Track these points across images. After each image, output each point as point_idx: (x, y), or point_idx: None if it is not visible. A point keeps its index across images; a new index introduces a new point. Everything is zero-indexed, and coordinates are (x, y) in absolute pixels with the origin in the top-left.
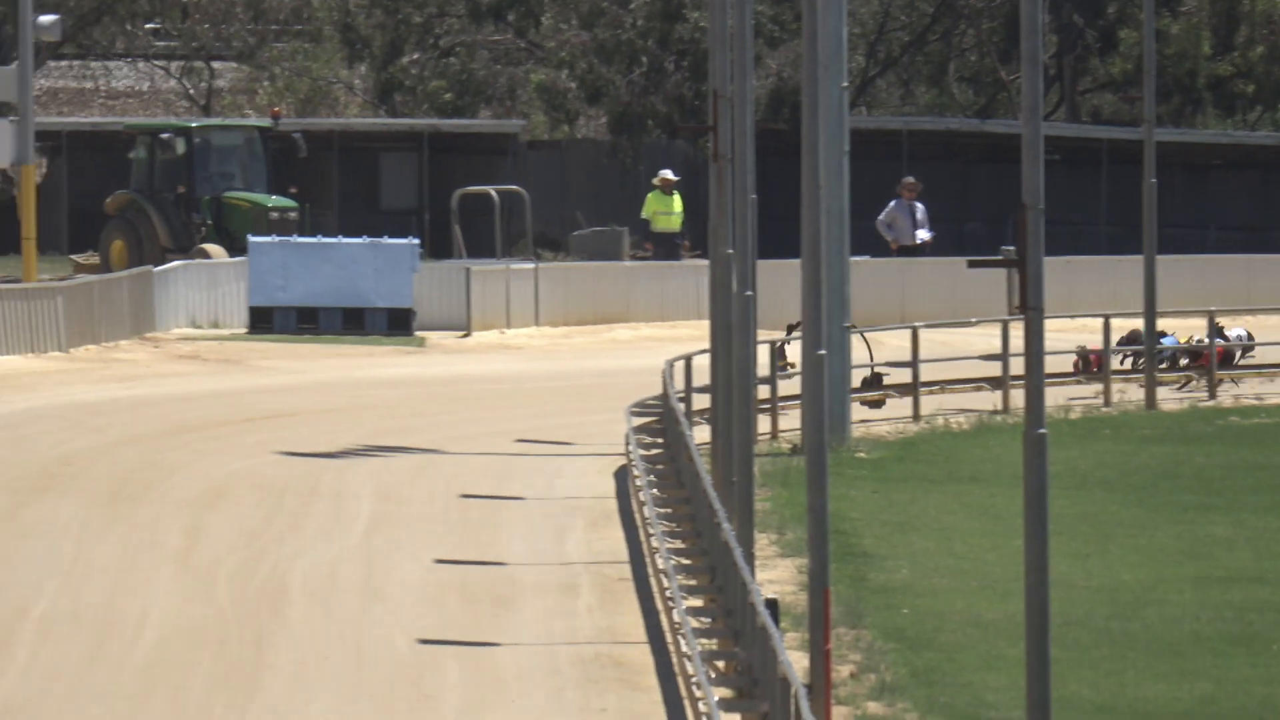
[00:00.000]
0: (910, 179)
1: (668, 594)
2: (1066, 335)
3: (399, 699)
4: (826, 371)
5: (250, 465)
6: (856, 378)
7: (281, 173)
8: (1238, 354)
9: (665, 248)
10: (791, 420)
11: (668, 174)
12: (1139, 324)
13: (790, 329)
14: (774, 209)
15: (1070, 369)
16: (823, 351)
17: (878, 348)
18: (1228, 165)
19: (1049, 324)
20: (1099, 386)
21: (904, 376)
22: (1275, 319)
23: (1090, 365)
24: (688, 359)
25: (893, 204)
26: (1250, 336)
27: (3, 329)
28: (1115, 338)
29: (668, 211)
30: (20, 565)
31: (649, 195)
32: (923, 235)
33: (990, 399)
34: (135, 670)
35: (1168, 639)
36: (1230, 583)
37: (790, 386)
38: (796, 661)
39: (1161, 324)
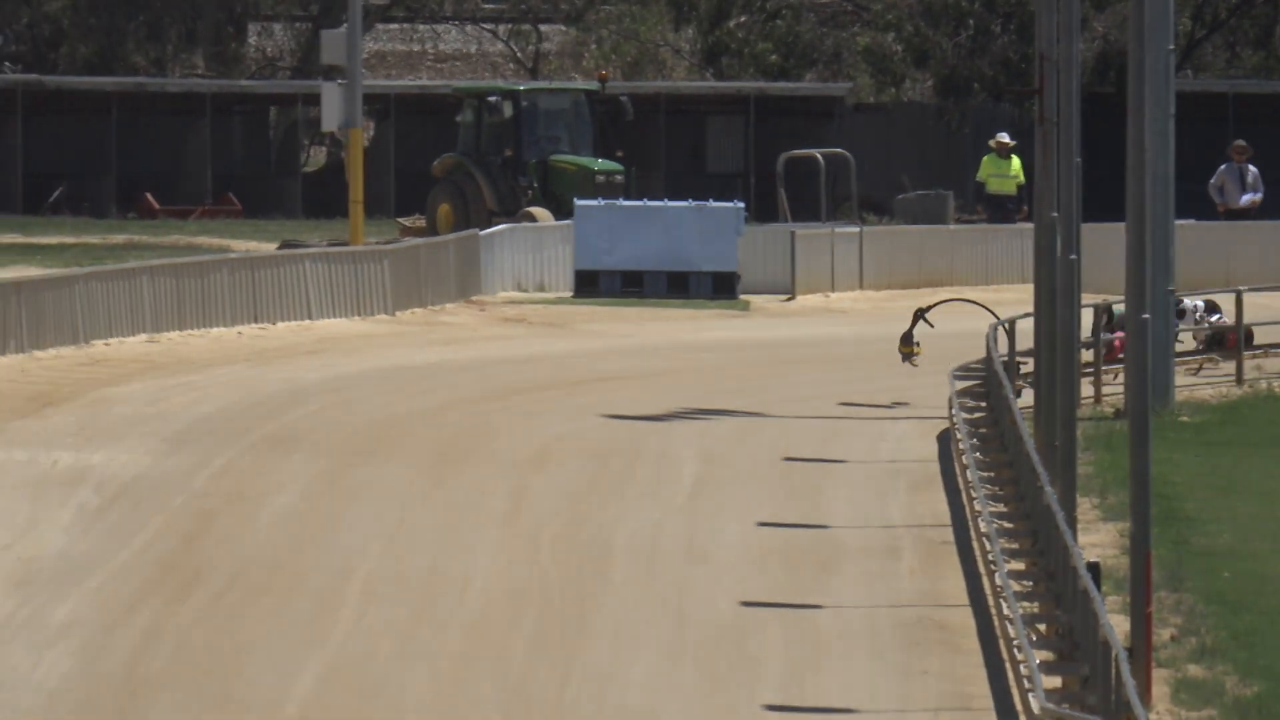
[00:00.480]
0: (1240, 142)
1: (990, 557)
2: None
3: (721, 660)
4: (1150, 335)
5: (575, 428)
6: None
7: (608, 136)
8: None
9: (998, 211)
10: (1114, 384)
11: (1004, 137)
12: None
13: (919, 313)
14: (1099, 173)
15: None
16: (1146, 315)
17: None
18: None
19: None
20: None
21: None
22: None
23: None
24: (1011, 323)
25: (1223, 167)
26: (1213, 307)
27: (330, 292)
28: None
29: (1002, 174)
30: (347, 528)
31: (984, 158)
32: (1248, 198)
33: None
34: (460, 631)
35: None
36: None
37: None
38: (1117, 625)
39: None
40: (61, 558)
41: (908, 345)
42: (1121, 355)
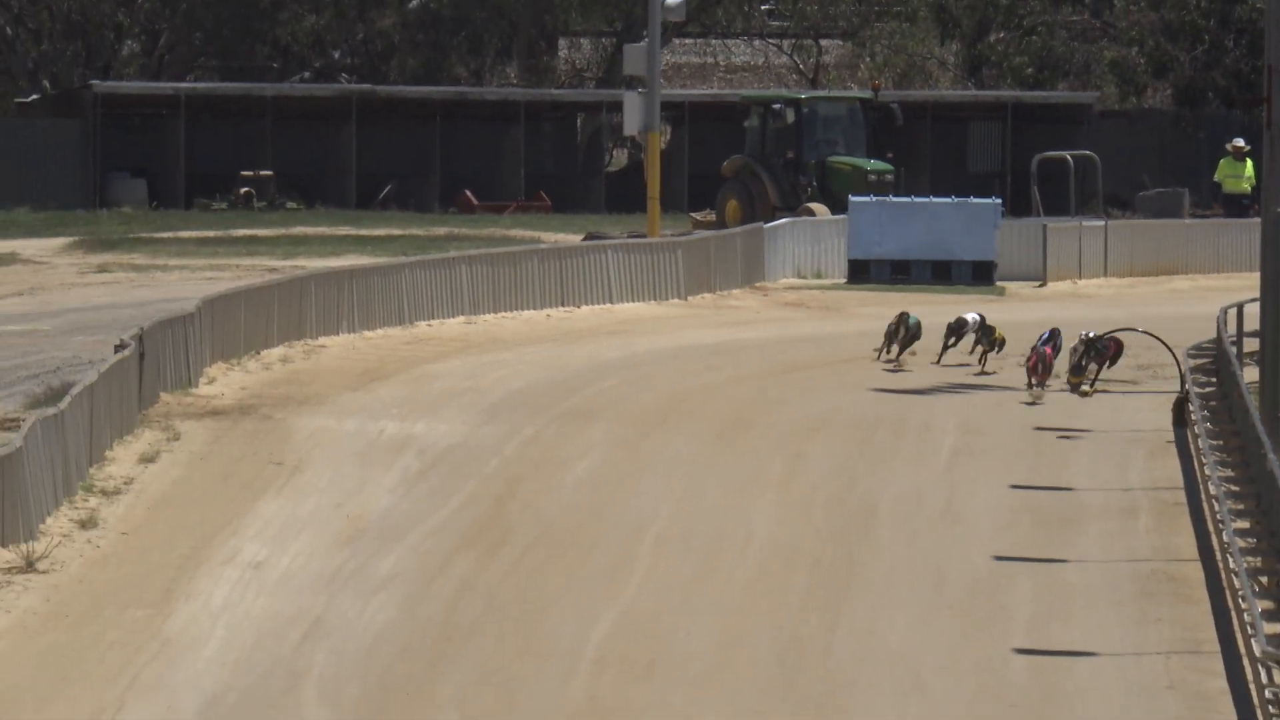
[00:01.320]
0: None
1: (1218, 517)
2: None
3: (977, 610)
4: None
5: (847, 401)
6: None
7: (879, 139)
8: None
9: (1234, 208)
10: None
11: (1239, 142)
12: None
13: (1087, 342)
14: None
15: None
16: None
17: None
18: None
19: None
20: None
21: None
22: None
23: None
24: (1240, 306)
25: None
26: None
27: (630, 279)
28: None
29: (1237, 175)
30: (639, 492)
31: (1221, 160)
32: None
33: None
34: (740, 586)
35: None
36: None
37: None
38: None
39: None
40: (385, 516)
41: (1077, 376)
42: None
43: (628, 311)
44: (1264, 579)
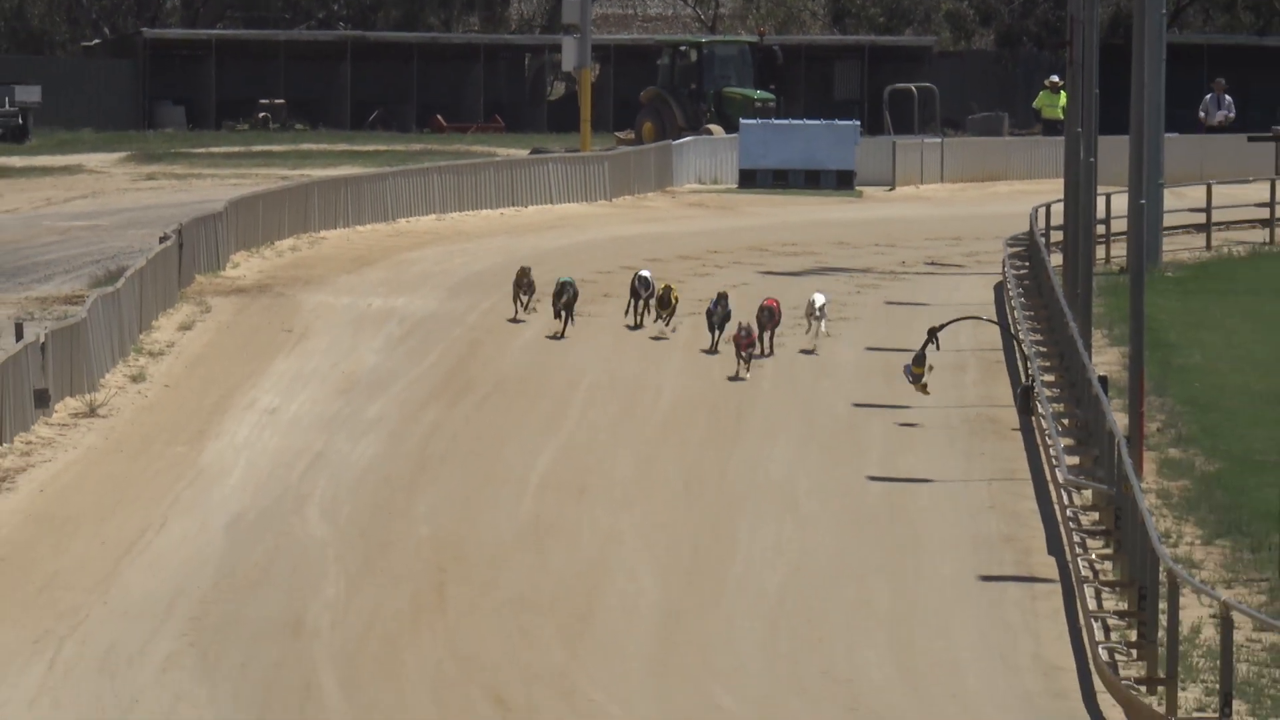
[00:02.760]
0: (1220, 80)
1: (1025, 371)
2: None
3: (839, 446)
4: (1146, 215)
5: (740, 280)
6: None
7: (764, 74)
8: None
9: (1050, 130)
10: (1119, 249)
11: (1055, 78)
12: None
13: (932, 333)
14: (1113, 100)
15: None
16: (1143, 201)
17: (1179, 199)
18: None
19: None
20: None
21: (1200, 219)
22: None
23: None
24: (1048, 206)
25: (1208, 96)
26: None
27: (566, 185)
28: None
29: (1053, 105)
30: (574, 352)
31: (1041, 93)
32: (1221, 114)
33: (1261, 234)
34: (653, 426)
35: None
36: None
37: (1119, 225)
38: (1119, 420)
39: None
40: (372, 372)
41: (919, 367)
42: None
43: (565, 210)
44: (1065, 420)
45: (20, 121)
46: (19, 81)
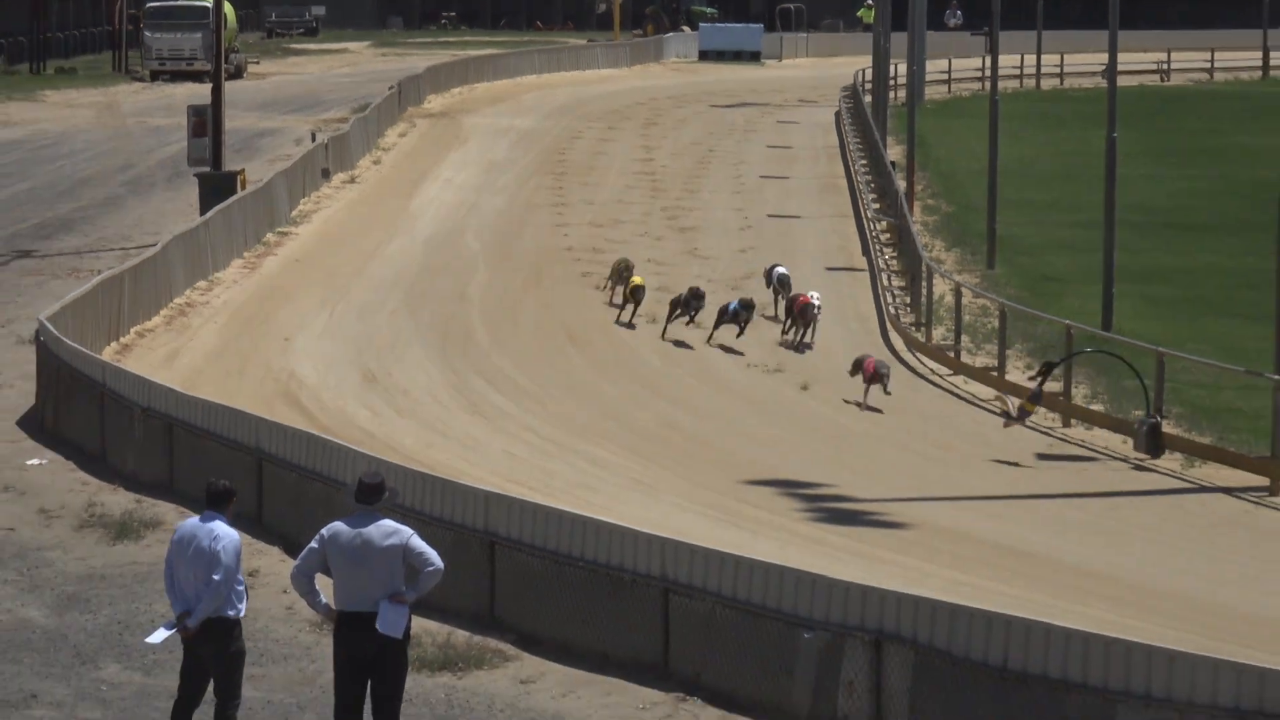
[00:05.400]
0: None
1: (851, 158)
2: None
3: (750, 196)
4: (917, 75)
5: (696, 111)
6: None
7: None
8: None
9: (868, 29)
10: (902, 93)
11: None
12: None
13: (1047, 368)
14: (902, 12)
15: None
16: (915, 67)
17: (934, 66)
18: None
19: None
20: None
21: (944, 78)
22: None
23: None
24: (863, 70)
25: (948, 10)
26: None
27: (606, 58)
28: None
29: (869, 14)
30: (609, 150)
31: (860, 9)
32: (953, 20)
33: (977, 86)
34: (652, 180)
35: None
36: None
37: (902, 81)
38: (900, 184)
39: None
40: (501, 160)
41: (1033, 405)
42: None
43: (604, 73)
44: (872, 184)
45: (314, 25)
46: (315, 3)
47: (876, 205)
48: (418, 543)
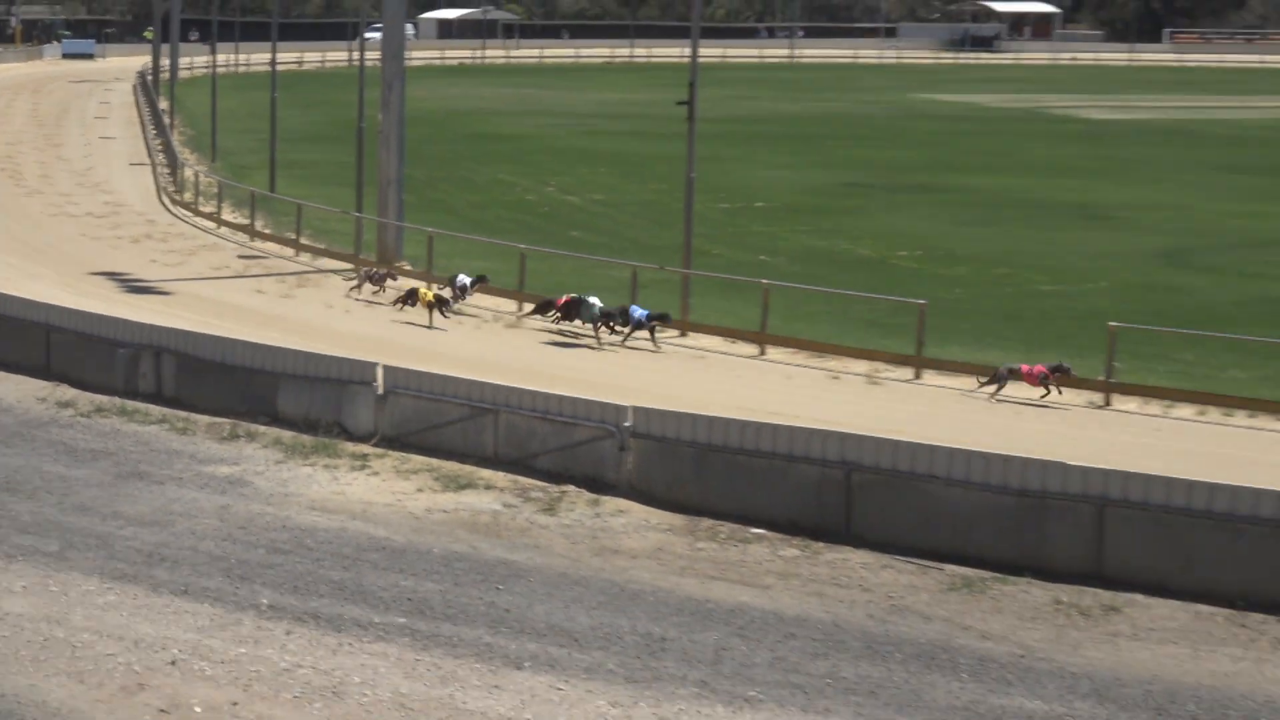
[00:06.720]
0: None
1: (141, 108)
2: None
3: None
4: (176, 67)
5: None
6: None
7: None
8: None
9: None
10: (165, 75)
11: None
12: None
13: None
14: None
15: None
16: (174, 60)
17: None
18: None
19: None
20: None
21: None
22: None
23: None
24: (148, 62)
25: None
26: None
27: None
28: None
29: None
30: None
31: None
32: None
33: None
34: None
35: None
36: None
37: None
38: (167, 120)
39: None
40: None
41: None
42: None
43: (9, 65)
44: (153, 120)
45: None
46: None
47: (154, 131)
48: None
